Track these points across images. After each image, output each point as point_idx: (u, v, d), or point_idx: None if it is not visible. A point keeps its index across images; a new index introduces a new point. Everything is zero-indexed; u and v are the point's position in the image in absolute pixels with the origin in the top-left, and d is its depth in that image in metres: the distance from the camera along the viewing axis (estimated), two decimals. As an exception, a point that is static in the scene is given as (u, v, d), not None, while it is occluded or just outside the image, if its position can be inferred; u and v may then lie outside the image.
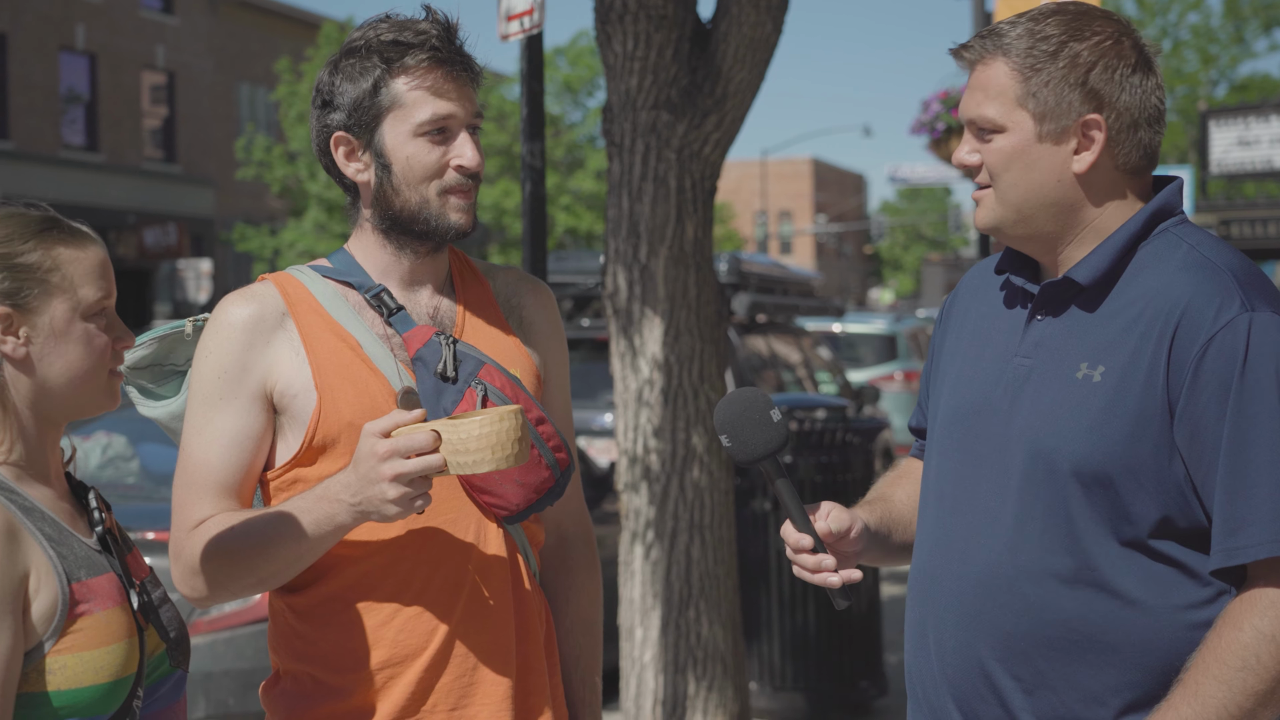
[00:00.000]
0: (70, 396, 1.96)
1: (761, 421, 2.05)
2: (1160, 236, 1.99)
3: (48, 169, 29.15)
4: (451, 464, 1.99)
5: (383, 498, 2.00)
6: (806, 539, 2.05)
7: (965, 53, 2.04)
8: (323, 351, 2.20)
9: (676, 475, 4.84)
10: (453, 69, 2.21)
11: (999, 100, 1.98)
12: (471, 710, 2.20)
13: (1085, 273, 1.98)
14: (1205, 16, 35.66)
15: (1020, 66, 1.97)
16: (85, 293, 1.94)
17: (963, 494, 2.04)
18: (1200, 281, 1.90)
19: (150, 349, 2.35)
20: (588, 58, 32.01)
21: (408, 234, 2.25)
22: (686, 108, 4.75)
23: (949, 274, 36.10)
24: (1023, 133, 1.98)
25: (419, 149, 2.21)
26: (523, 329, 2.37)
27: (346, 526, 2.08)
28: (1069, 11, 2.00)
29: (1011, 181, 2.00)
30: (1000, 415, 2.01)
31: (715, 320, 4.89)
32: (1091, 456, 1.91)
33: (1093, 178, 1.99)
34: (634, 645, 4.93)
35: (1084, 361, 1.95)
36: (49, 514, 1.92)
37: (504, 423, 2.00)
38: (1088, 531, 1.92)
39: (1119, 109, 1.96)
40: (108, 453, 6.21)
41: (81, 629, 1.87)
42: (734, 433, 2.07)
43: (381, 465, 1.99)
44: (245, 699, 5.10)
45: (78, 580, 1.89)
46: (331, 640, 2.20)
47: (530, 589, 2.28)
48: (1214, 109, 21.09)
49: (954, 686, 2.01)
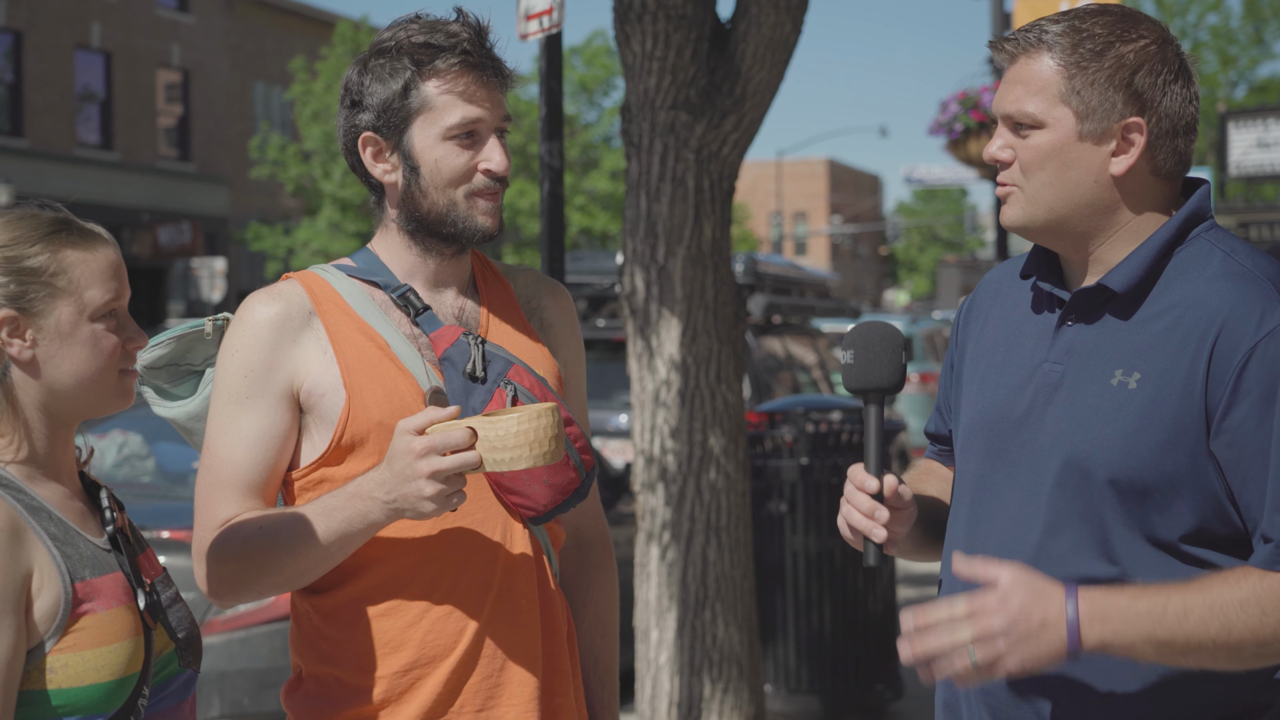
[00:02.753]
0: (79, 397, 1.96)
1: (891, 356, 2.05)
2: (1194, 242, 1.97)
3: (63, 167, 29.23)
4: (488, 461, 1.99)
5: (419, 494, 2.00)
6: (874, 482, 2.02)
7: (1007, 45, 2.01)
8: (351, 350, 2.20)
9: (693, 476, 4.82)
10: (483, 73, 2.21)
11: (1041, 95, 1.96)
12: (499, 710, 2.20)
13: (1120, 279, 1.95)
14: (1225, 17, 35.52)
15: (1065, 63, 1.95)
16: (92, 295, 1.94)
17: (993, 500, 2.02)
18: (1241, 291, 1.89)
19: (167, 349, 2.34)
20: (603, 58, 32.02)
21: (434, 235, 2.25)
22: (705, 108, 4.73)
23: (965, 275, 36.07)
24: (1063, 130, 1.95)
25: (447, 152, 2.21)
26: (544, 330, 2.37)
27: (379, 524, 2.07)
28: (1113, 13, 1.98)
29: (1046, 180, 1.97)
30: (1031, 421, 1.99)
31: (733, 321, 4.87)
32: (1127, 464, 1.89)
33: (1128, 181, 1.97)
34: (649, 647, 4.91)
35: (1119, 368, 1.92)
36: (56, 513, 1.93)
37: (541, 420, 2.00)
38: (1122, 538, 1.90)
39: (1160, 114, 1.94)
40: (123, 451, 6.22)
41: (84, 628, 1.87)
42: (860, 352, 2.05)
43: (418, 462, 1.99)
44: (260, 698, 5.10)
45: (82, 579, 1.89)
46: (358, 642, 2.19)
47: (554, 589, 2.28)
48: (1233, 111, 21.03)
49: (987, 695, 1.99)
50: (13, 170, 26.78)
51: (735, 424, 4.88)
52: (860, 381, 2.05)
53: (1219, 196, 19.91)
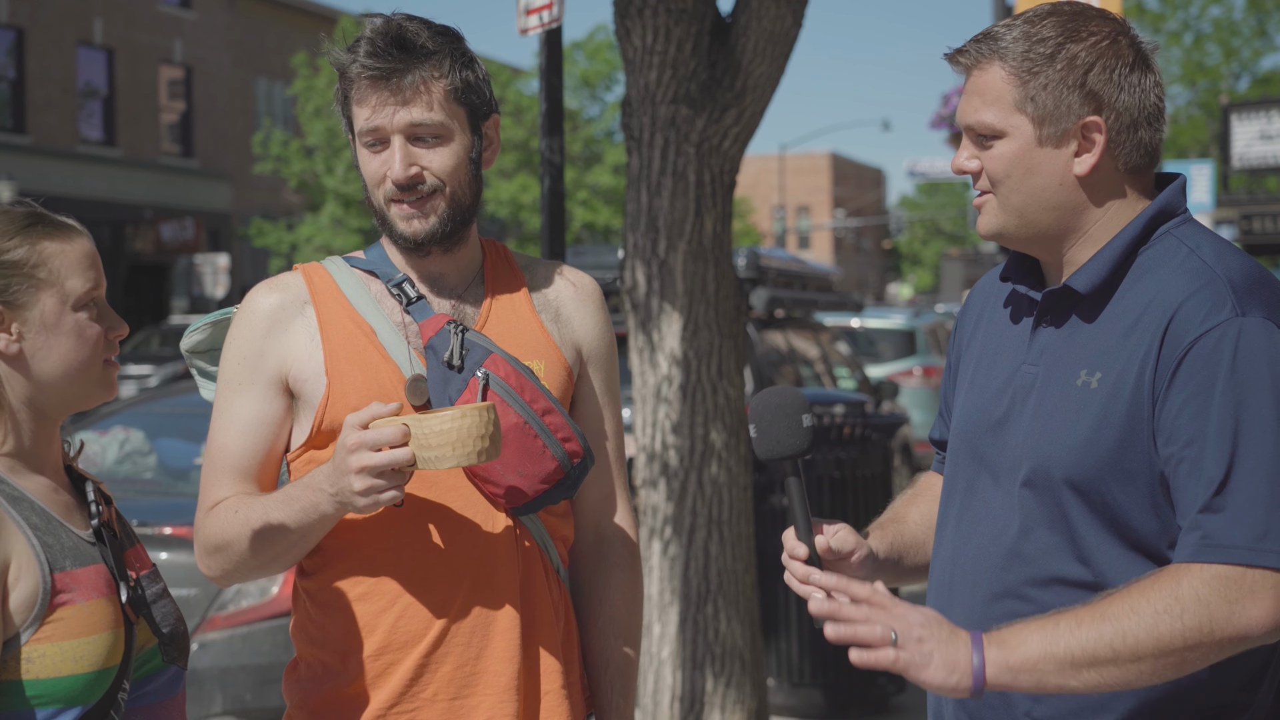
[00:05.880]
0: (66, 388, 1.98)
1: (791, 422, 2.05)
2: (1161, 240, 1.96)
3: (66, 164, 29.24)
4: (419, 459, 2.00)
5: (350, 489, 2.02)
6: (803, 548, 2.03)
7: (960, 58, 2.00)
8: (337, 338, 2.22)
9: (695, 471, 4.82)
10: (384, 79, 2.18)
11: (997, 105, 1.95)
12: (475, 699, 2.20)
13: (1084, 280, 1.95)
14: (1227, 9, 35.43)
15: (1017, 70, 1.94)
16: (73, 284, 1.97)
17: (976, 504, 2.02)
18: (1195, 286, 1.88)
19: (206, 333, 2.40)
20: (605, 52, 31.99)
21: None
22: (706, 102, 4.72)
23: (968, 269, 36.02)
24: (1023, 137, 1.95)
25: (364, 158, 2.24)
26: (557, 322, 2.35)
27: (330, 515, 2.09)
28: (1065, 12, 1.97)
29: (1013, 187, 1.97)
30: (1009, 424, 1.99)
31: (734, 315, 4.87)
32: (1084, 464, 1.88)
33: (1094, 179, 1.96)
34: (652, 641, 4.91)
35: (1084, 369, 1.92)
36: (38, 503, 1.94)
37: (466, 419, 1.99)
38: (1092, 539, 1.90)
39: (1118, 109, 1.93)
40: (125, 447, 6.22)
41: (62, 618, 1.88)
42: (762, 425, 2.06)
43: (350, 457, 2.01)
44: (262, 694, 5.10)
45: (61, 570, 1.90)
46: (338, 625, 2.22)
47: (546, 582, 2.27)
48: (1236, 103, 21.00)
49: (965, 702, 1.99)
50: (16, 167, 26.79)
51: (737, 419, 4.87)
52: (768, 452, 2.06)
53: (1222, 189, 19.86)
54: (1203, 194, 22.86)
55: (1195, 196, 21.69)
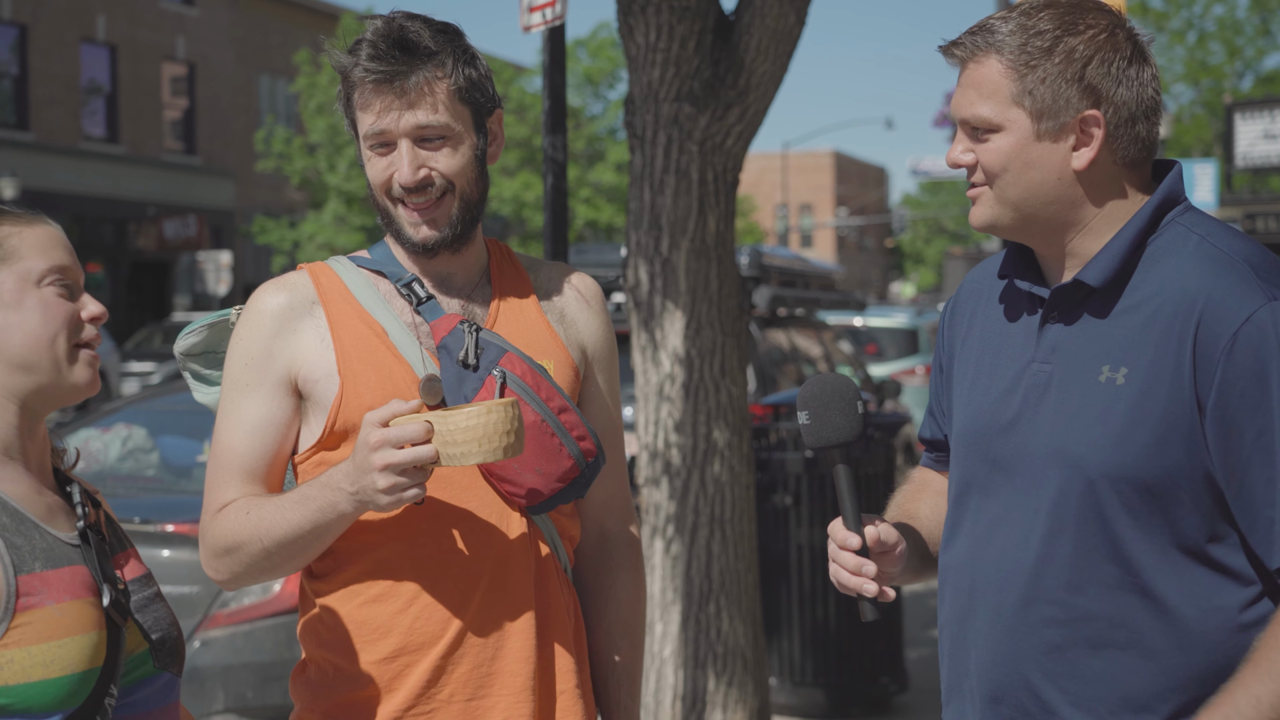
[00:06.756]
0: (34, 367, 1.93)
1: (847, 408, 2.02)
2: (1169, 228, 1.94)
3: (68, 160, 29.25)
4: (442, 456, 1.99)
5: (374, 487, 2.00)
6: (855, 538, 2.01)
7: (956, 50, 1.98)
8: (349, 338, 2.21)
9: (697, 470, 4.81)
10: (388, 82, 2.17)
11: (994, 99, 1.93)
12: (490, 700, 2.19)
13: (1096, 274, 1.93)
14: (1231, 8, 35.40)
15: (1015, 63, 1.92)
16: (33, 262, 1.95)
17: (992, 507, 1.99)
18: (1216, 274, 1.86)
19: (200, 336, 2.38)
20: (608, 50, 31.98)
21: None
22: (709, 100, 4.71)
23: (971, 268, 35.98)
24: (1020, 131, 1.93)
25: (369, 161, 2.22)
26: (563, 323, 2.35)
27: (349, 515, 2.08)
28: (1061, 4, 1.95)
29: (1010, 181, 1.95)
30: (1023, 424, 1.96)
31: (737, 314, 4.86)
32: (1121, 461, 1.86)
33: (1092, 173, 1.94)
34: (654, 640, 4.90)
35: (1105, 364, 1.90)
36: (10, 503, 1.89)
37: (492, 415, 1.98)
38: (1124, 537, 1.88)
39: (1116, 103, 1.92)
40: (128, 445, 6.21)
41: (29, 622, 1.82)
42: (815, 412, 2.03)
43: (373, 455, 1.99)
44: (264, 692, 5.09)
45: (29, 572, 1.84)
46: (351, 627, 2.20)
47: (558, 581, 2.26)
48: (1239, 102, 20.98)
49: (1000, 705, 1.97)
50: (19, 163, 26.80)
51: (739, 417, 4.87)
52: (820, 440, 2.03)
53: (1225, 188, 19.86)
54: (1206, 193, 22.83)
55: (1199, 196, 21.64)
